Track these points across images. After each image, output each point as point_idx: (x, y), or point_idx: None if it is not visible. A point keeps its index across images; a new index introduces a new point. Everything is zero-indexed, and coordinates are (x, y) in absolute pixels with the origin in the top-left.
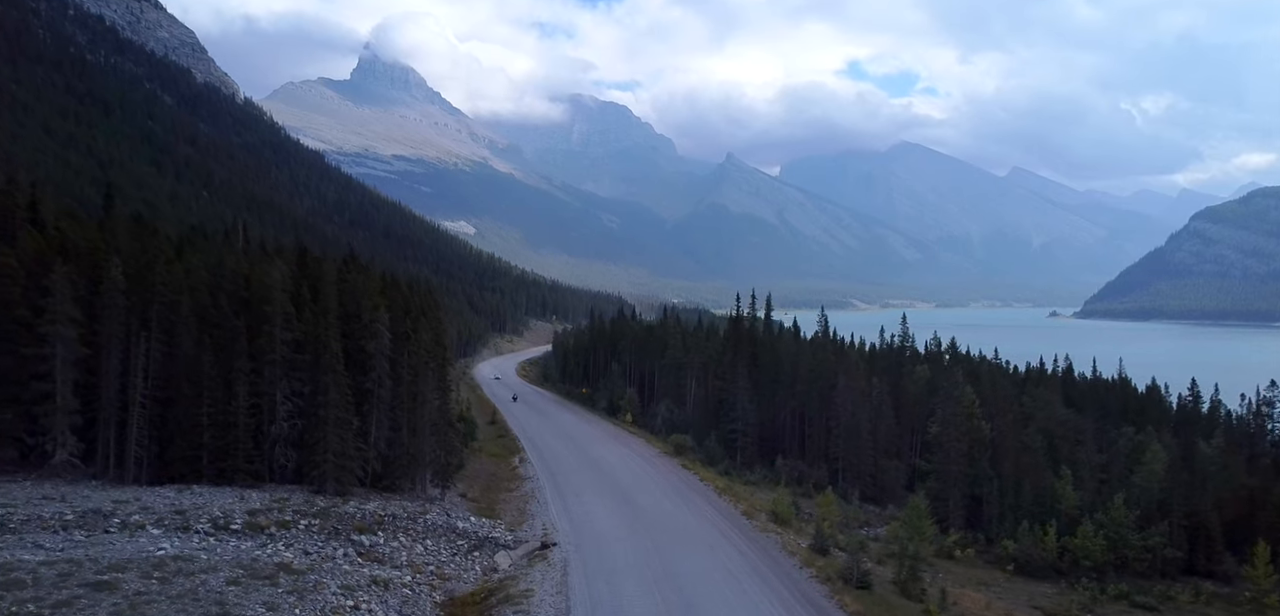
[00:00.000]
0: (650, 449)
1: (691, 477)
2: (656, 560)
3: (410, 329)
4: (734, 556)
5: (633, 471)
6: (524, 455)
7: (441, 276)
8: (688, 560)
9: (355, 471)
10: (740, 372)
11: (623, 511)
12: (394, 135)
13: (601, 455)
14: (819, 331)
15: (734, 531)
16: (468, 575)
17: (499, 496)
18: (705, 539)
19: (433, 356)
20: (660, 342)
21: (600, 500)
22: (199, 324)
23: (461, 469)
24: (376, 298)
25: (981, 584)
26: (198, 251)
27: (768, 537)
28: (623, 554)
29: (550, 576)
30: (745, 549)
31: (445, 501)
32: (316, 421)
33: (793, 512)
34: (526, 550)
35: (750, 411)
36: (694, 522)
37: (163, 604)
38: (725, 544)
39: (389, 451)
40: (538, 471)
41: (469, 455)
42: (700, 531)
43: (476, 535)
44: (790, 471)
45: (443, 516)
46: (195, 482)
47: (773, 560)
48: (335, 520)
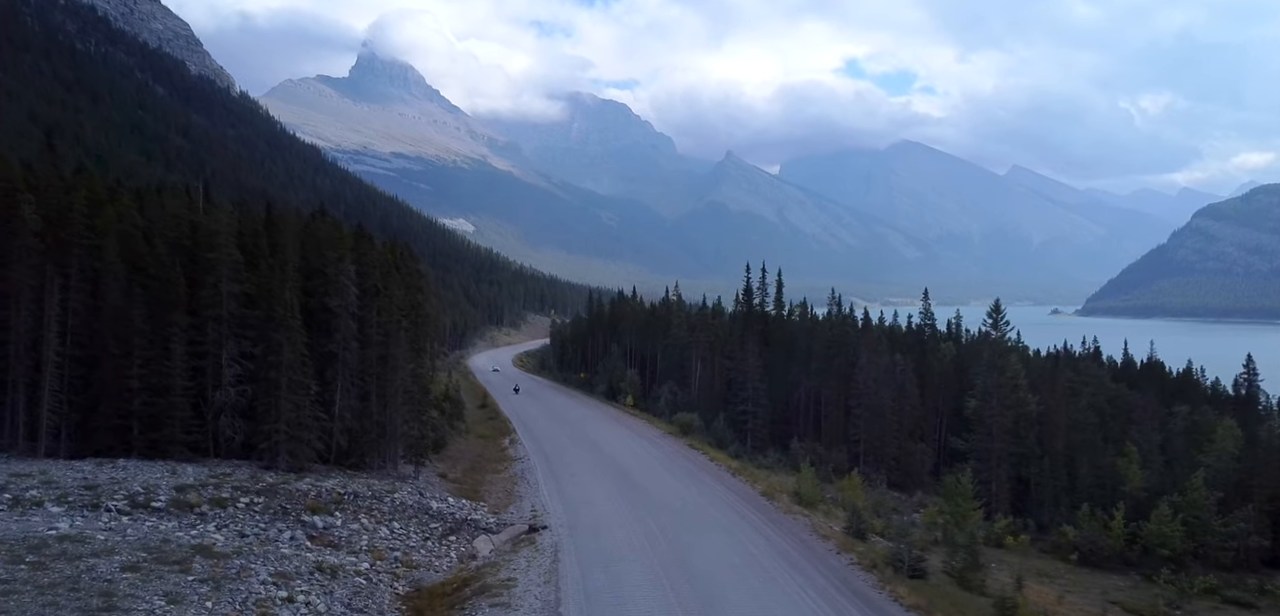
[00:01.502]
0: (653, 430)
1: (700, 457)
2: (664, 545)
3: (381, 283)
4: (756, 540)
5: (634, 451)
6: (515, 436)
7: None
8: (702, 545)
9: (314, 445)
10: (751, 350)
11: (624, 492)
12: (393, 133)
13: (600, 436)
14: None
15: (754, 513)
16: (440, 562)
17: (484, 477)
18: (721, 521)
19: (406, 316)
20: (663, 323)
21: (598, 480)
22: (129, 272)
23: (443, 447)
24: (342, 249)
25: (1043, 575)
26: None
27: (794, 520)
28: (625, 538)
29: (538, 563)
30: (769, 532)
31: (420, 480)
32: (268, 386)
33: (820, 494)
34: (511, 534)
35: (762, 392)
36: (706, 504)
37: (27, 595)
38: (745, 527)
39: (356, 424)
40: (529, 451)
41: (454, 436)
42: (714, 513)
43: (453, 517)
44: (807, 455)
45: (415, 496)
46: (124, 456)
47: (804, 545)
48: (284, 498)
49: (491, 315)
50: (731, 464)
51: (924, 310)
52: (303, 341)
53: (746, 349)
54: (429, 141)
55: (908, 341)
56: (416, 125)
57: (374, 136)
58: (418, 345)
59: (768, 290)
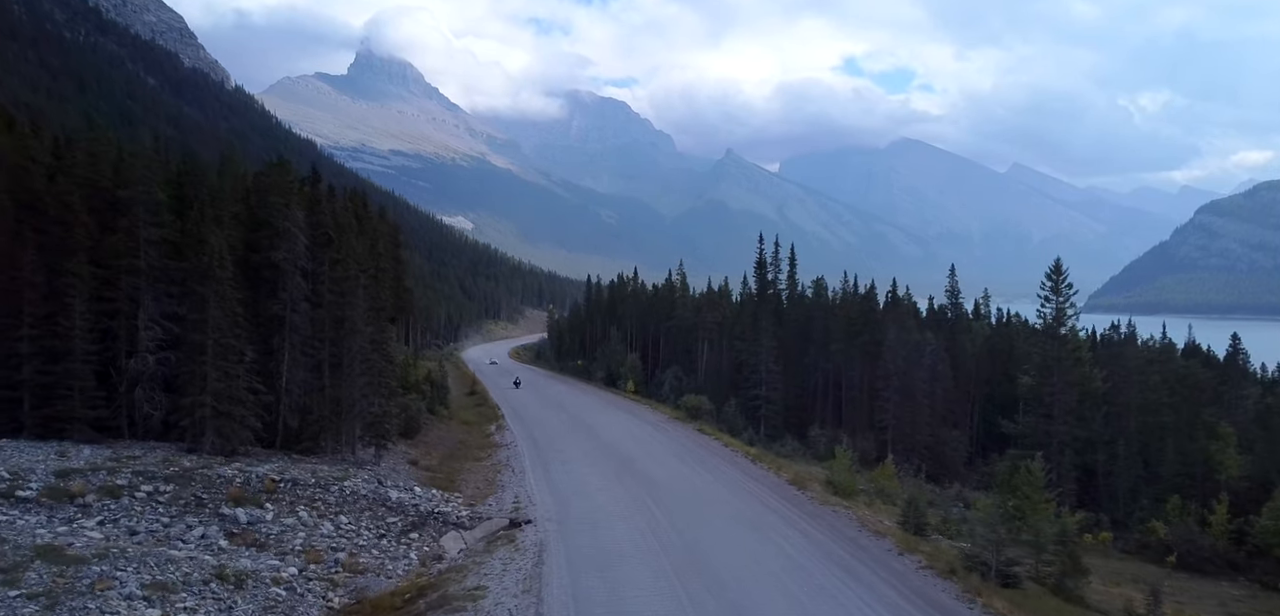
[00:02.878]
0: (657, 414)
1: (713, 442)
2: (677, 543)
3: (334, 233)
4: (793, 538)
5: (636, 436)
6: (502, 421)
7: (434, 262)
8: (725, 543)
9: (250, 423)
10: (764, 330)
11: (625, 480)
12: (391, 130)
13: (596, 420)
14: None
15: (784, 504)
16: (395, 566)
17: (462, 465)
18: (745, 514)
19: (366, 272)
20: (666, 305)
21: (595, 468)
22: (16, 211)
23: (416, 431)
24: (289, 194)
25: (1136, 580)
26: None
27: (835, 513)
28: (627, 534)
29: (516, 566)
30: (807, 527)
31: (382, 467)
32: (191, 351)
33: (857, 483)
34: (488, 530)
35: (776, 375)
36: (725, 494)
37: None
38: (776, 520)
39: (306, 400)
40: (516, 437)
41: (434, 421)
42: (737, 504)
43: (417, 510)
44: (829, 443)
45: (372, 485)
46: (13, 436)
47: (853, 544)
48: (200, 486)
49: (488, 309)
50: (749, 450)
51: (950, 289)
52: (236, 297)
53: (759, 329)
54: (428, 139)
55: (932, 322)
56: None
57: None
58: (378, 305)
59: (780, 266)
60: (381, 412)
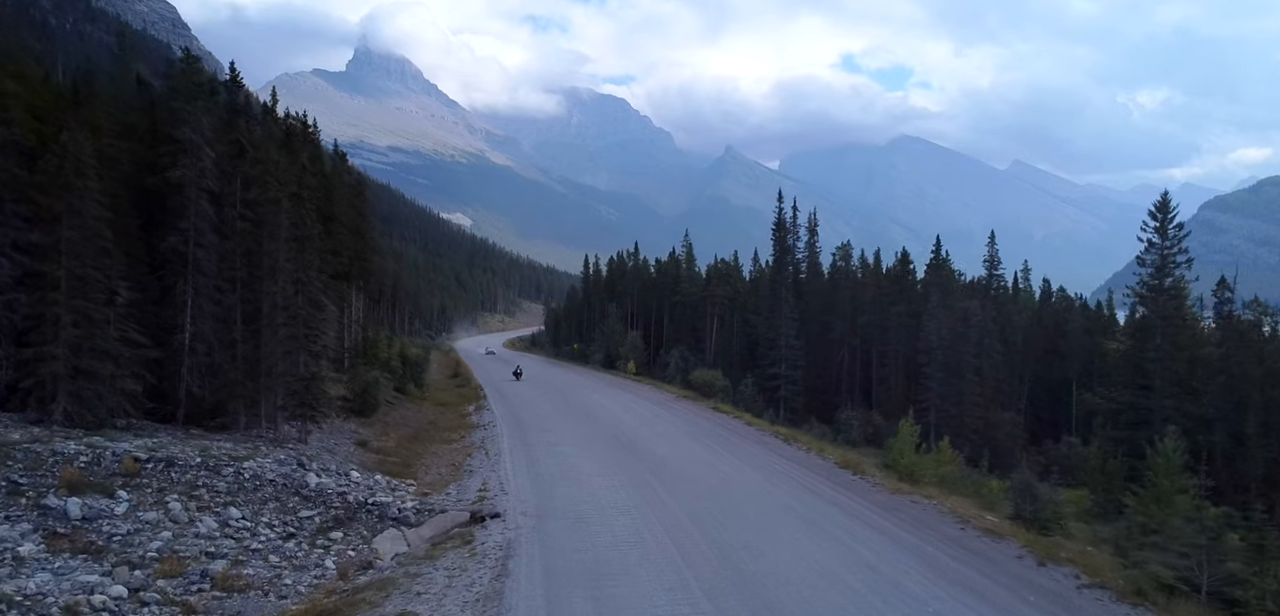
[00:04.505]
0: (663, 393)
1: (735, 422)
2: (703, 547)
3: (248, 141)
4: (872, 540)
5: (640, 415)
6: (483, 402)
7: (429, 255)
8: (772, 546)
9: (124, 386)
10: (784, 300)
11: (628, 464)
12: (389, 126)
13: (593, 400)
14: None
15: (844, 494)
16: (299, 578)
17: (426, 447)
18: (794, 507)
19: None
20: (671, 280)
21: (589, 450)
22: None
23: (374, 410)
24: (193, 101)
25: None
26: None
27: (916, 505)
28: (629, 532)
29: (467, 580)
30: (885, 524)
31: (312, 445)
32: (41, 288)
33: (927, 467)
34: (440, 527)
35: (798, 350)
36: (760, 481)
37: None
38: (840, 516)
39: (210, 359)
40: (497, 417)
41: (402, 400)
42: (778, 495)
43: (346, 501)
44: (863, 427)
45: (286, 467)
46: None
47: (959, 546)
48: (20, 467)
49: (485, 302)
50: (780, 431)
51: (989, 257)
52: (103, 218)
53: (778, 299)
54: (426, 135)
55: (970, 292)
56: (414, 119)
57: (370, 130)
58: (303, 233)
59: (799, 232)
60: (310, 377)
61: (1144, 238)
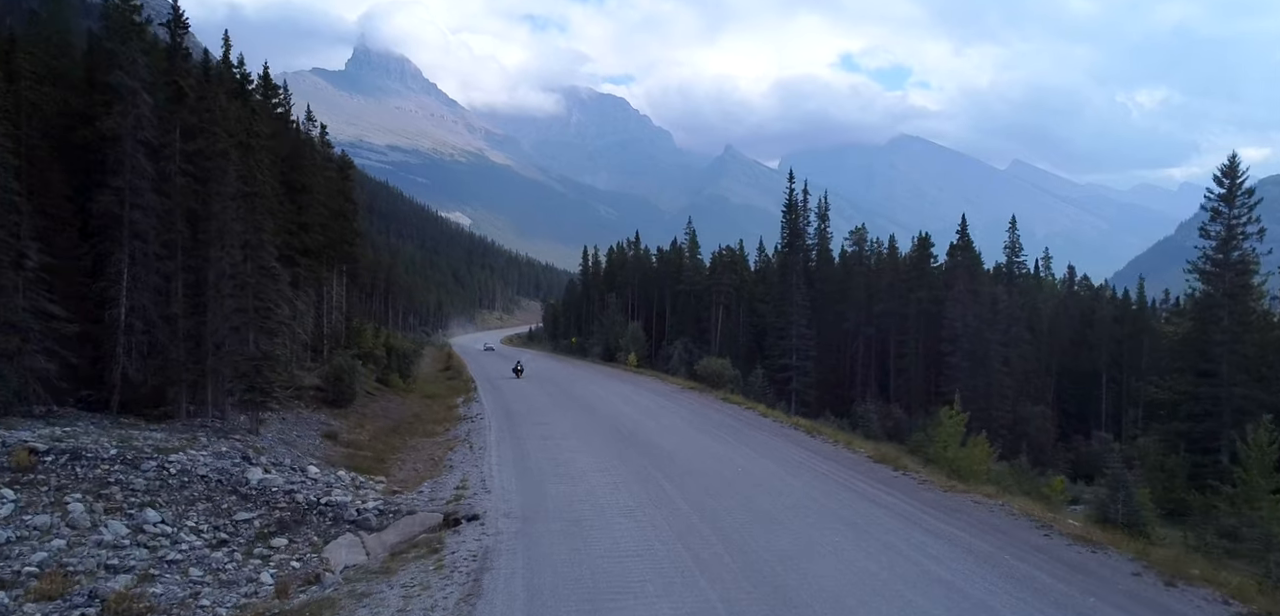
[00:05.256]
0: (667, 385)
1: (748, 413)
2: (726, 559)
3: (189, 88)
4: (937, 549)
5: (643, 406)
6: (473, 393)
7: (427, 252)
8: (814, 557)
9: (35, 365)
10: (795, 287)
11: (631, 458)
12: (388, 125)
13: (591, 391)
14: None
15: (889, 492)
16: (224, 596)
17: (405, 440)
18: (832, 507)
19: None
20: (674, 268)
21: (586, 443)
22: None
23: (350, 400)
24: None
25: None
26: None
27: (979, 506)
28: (634, 539)
29: (427, 604)
30: (946, 528)
31: (266, 436)
32: None
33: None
34: (406, 531)
35: (810, 340)
36: (787, 478)
37: None
38: (890, 519)
39: (152, 337)
40: (486, 409)
41: (387, 392)
42: (812, 493)
43: (296, 501)
44: (883, 420)
45: (226, 461)
46: None
47: (1050, 558)
48: None
49: (483, 299)
50: (800, 423)
51: (1010, 242)
52: (5, 163)
53: (790, 286)
54: (426, 134)
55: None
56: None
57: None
58: (251, 189)
59: (810, 215)
60: (263, 356)
61: (1208, 206)
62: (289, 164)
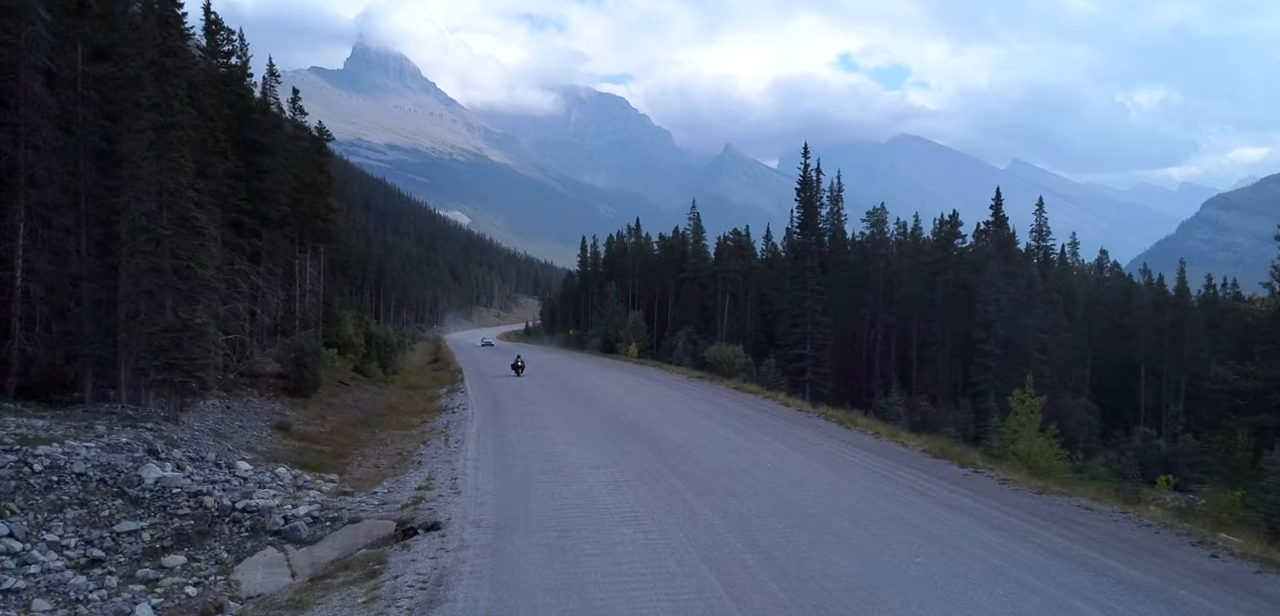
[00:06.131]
0: (672, 375)
1: (766, 402)
2: (771, 584)
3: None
4: (1074, 579)
5: (646, 395)
6: (459, 384)
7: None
8: (896, 585)
9: None
10: (810, 271)
11: (632, 452)
12: (387, 124)
13: (589, 381)
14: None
15: (969, 496)
16: None
17: (373, 433)
18: (905, 515)
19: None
20: (677, 256)
21: (579, 436)
22: None
23: (314, 389)
24: None
25: None
26: None
27: (1089, 513)
28: (640, 554)
29: None
30: (1073, 546)
31: (187, 424)
32: None
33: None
34: (348, 545)
35: (826, 328)
36: (830, 477)
37: None
38: (987, 532)
39: (53, 304)
40: (471, 400)
41: (364, 382)
42: (870, 496)
43: (204, 506)
44: (909, 413)
45: (115, 454)
46: None
47: (1256, 595)
48: None
49: (480, 296)
50: (831, 414)
51: (1037, 226)
52: None
53: (803, 270)
54: (424, 133)
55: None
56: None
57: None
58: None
59: (822, 197)
60: (183, 327)
61: None
62: (242, 118)
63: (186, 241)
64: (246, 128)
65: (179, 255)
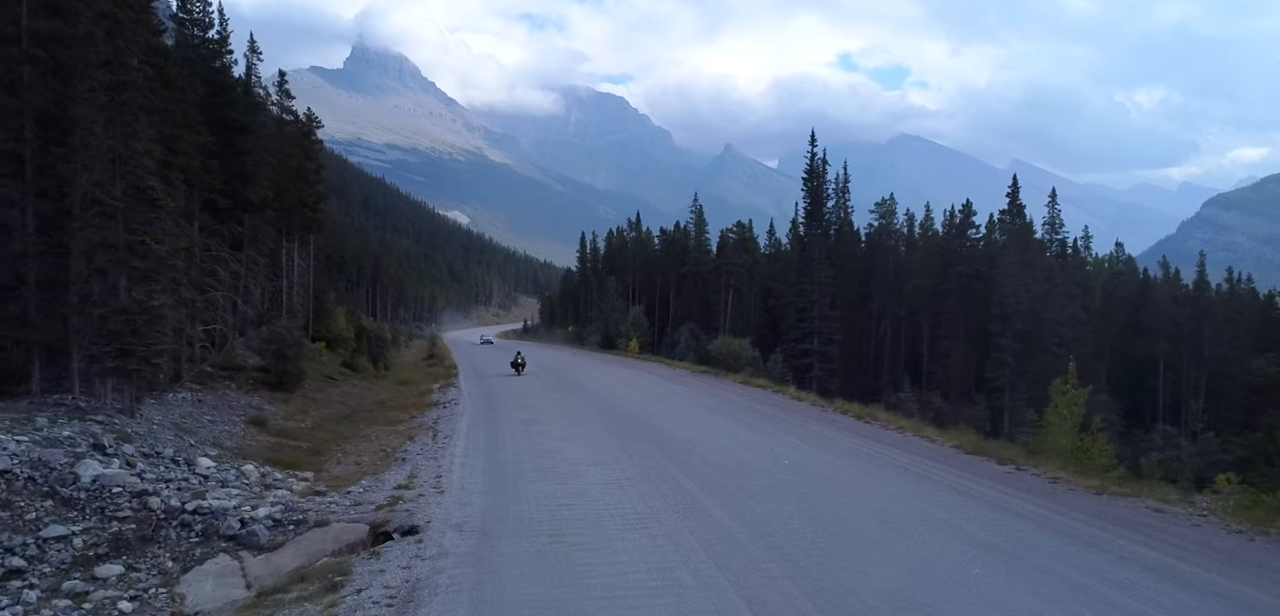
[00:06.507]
0: (675, 369)
1: (778, 397)
2: (805, 606)
3: None
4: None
5: (648, 390)
6: (452, 379)
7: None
8: (948, 597)
9: None
10: (817, 262)
11: (635, 449)
12: (387, 124)
13: (588, 375)
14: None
15: (1020, 498)
16: None
17: (357, 428)
18: (958, 523)
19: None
20: (679, 250)
21: (577, 431)
22: None
23: (298, 383)
24: None
25: None
26: None
27: (1162, 515)
28: (647, 565)
29: None
30: (1154, 556)
31: (148, 416)
32: None
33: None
34: (313, 551)
35: (834, 322)
36: (858, 475)
37: None
38: (1048, 538)
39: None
40: (464, 395)
41: (352, 377)
42: (906, 498)
43: (148, 508)
44: (923, 410)
45: (50, 449)
46: None
47: None
48: None
49: (479, 295)
50: (849, 408)
51: (1050, 218)
52: None
53: (811, 261)
54: (424, 133)
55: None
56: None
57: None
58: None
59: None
60: (139, 308)
61: None
62: (220, 95)
63: (141, 214)
64: (224, 105)
65: (133, 230)
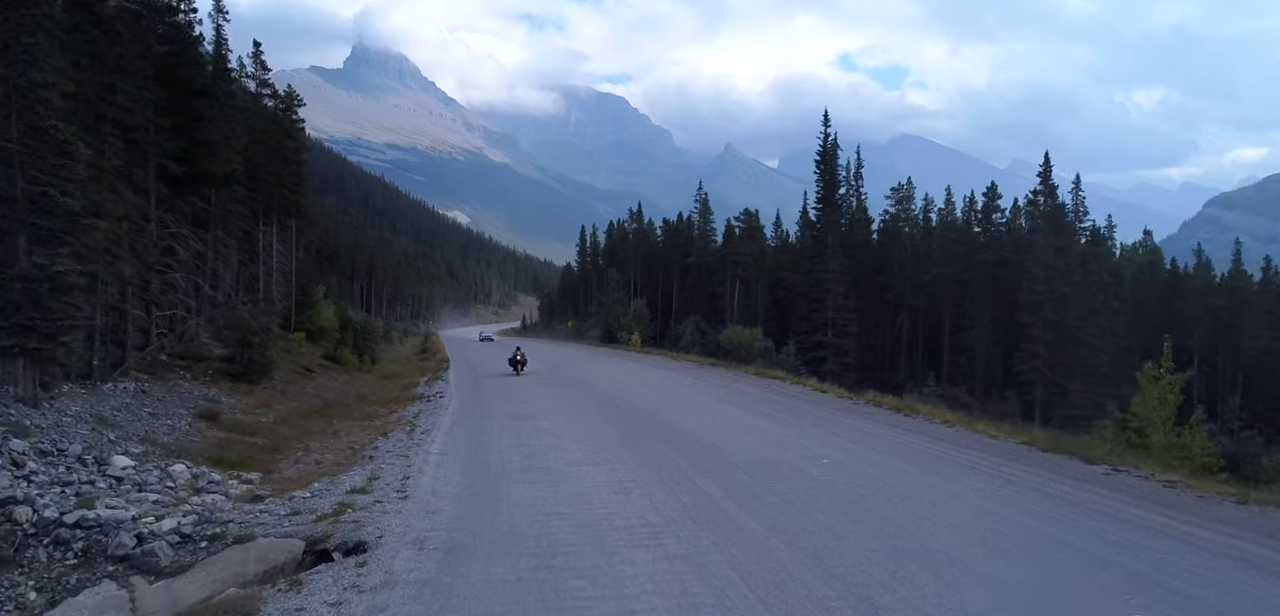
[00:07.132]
0: (681, 362)
1: (796, 389)
2: None
3: None
4: None
5: (654, 383)
6: (442, 372)
7: (422, 245)
8: None
9: None
10: (832, 249)
11: (642, 446)
12: (387, 124)
13: (588, 369)
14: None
15: (1140, 507)
16: None
17: (327, 424)
18: (1055, 533)
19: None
20: (682, 241)
21: (574, 426)
22: None
23: (267, 373)
24: None
25: None
26: None
27: None
28: (666, 603)
29: None
30: None
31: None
32: None
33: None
34: (228, 575)
35: (849, 312)
36: (920, 477)
37: None
38: (1205, 561)
39: None
40: (452, 387)
41: (334, 369)
42: (989, 508)
43: (14, 521)
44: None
45: None
46: None
47: None
48: None
49: (478, 294)
50: (884, 401)
51: (1075, 205)
52: None
53: (825, 248)
54: (424, 133)
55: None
56: (411, 117)
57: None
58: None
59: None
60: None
61: None
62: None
63: (44, 160)
64: (183, 65)
65: (35, 180)
